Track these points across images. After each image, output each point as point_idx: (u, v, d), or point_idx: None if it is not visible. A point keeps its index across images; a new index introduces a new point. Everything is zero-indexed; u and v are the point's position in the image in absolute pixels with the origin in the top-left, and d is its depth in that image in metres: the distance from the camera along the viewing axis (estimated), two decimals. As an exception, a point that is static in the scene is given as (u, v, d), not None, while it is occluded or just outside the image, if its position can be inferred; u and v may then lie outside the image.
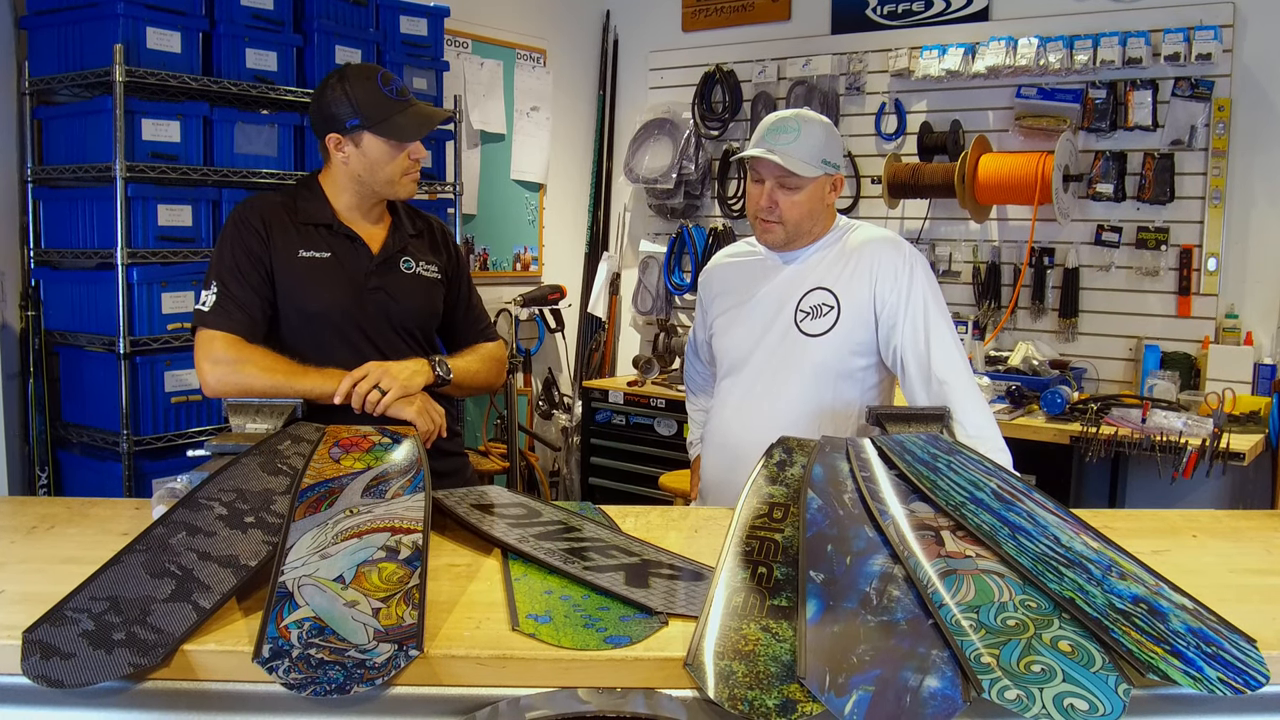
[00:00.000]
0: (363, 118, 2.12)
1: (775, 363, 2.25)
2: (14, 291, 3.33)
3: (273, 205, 2.19)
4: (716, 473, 2.36)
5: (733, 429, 2.30)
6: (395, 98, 2.15)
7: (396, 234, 2.26)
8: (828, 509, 1.50)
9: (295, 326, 2.15)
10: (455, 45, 4.63)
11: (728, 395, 2.34)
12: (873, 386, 2.26)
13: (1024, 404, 3.75)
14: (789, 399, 2.23)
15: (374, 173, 2.16)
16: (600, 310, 5.28)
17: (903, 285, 2.17)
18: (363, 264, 2.19)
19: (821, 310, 2.21)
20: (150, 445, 3.15)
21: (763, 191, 2.21)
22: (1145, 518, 1.90)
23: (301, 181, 2.28)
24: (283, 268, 2.14)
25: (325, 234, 2.18)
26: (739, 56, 4.94)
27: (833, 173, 2.23)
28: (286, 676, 1.16)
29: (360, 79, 2.14)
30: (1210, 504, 3.86)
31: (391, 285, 2.21)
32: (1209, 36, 3.79)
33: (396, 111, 2.14)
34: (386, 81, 2.15)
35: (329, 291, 2.15)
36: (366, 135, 2.13)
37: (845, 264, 2.23)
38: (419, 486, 1.58)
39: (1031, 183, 3.90)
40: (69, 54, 3.19)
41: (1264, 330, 3.85)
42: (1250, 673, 1.18)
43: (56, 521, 1.75)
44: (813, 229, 2.27)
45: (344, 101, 2.12)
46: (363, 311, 2.17)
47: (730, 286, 2.39)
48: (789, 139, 2.17)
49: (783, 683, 1.18)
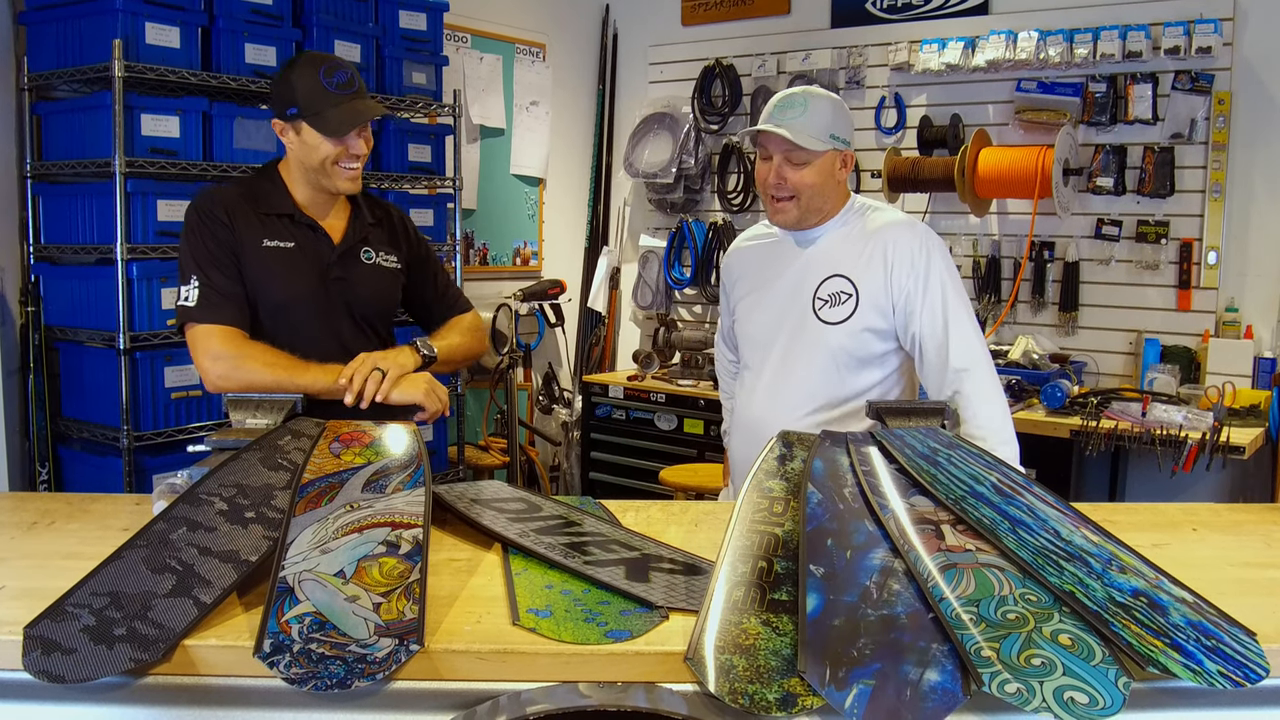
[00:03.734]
0: (300, 107, 2.12)
1: (795, 350, 2.24)
2: (14, 287, 3.33)
3: (232, 196, 2.18)
4: (743, 456, 2.35)
5: (757, 414, 2.30)
6: (333, 90, 2.12)
7: (356, 223, 2.26)
8: (828, 503, 1.50)
9: (259, 316, 2.15)
10: (455, 40, 4.62)
11: (754, 381, 2.33)
12: (894, 371, 2.25)
13: (1024, 398, 3.76)
14: (812, 384, 2.22)
15: (312, 163, 2.15)
16: (600, 305, 5.28)
17: (920, 271, 2.15)
18: (325, 254, 2.20)
19: (840, 298, 2.20)
20: (150, 441, 3.15)
21: (770, 168, 2.20)
22: (1145, 511, 1.90)
23: (260, 171, 2.27)
24: (248, 257, 2.13)
25: (287, 224, 2.19)
26: (738, 50, 4.94)
27: (842, 148, 2.21)
28: (287, 671, 1.16)
29: (305, 67, 2.14)
30: (1210, 498, 3.85)
31: (352, 275, 2.22)
32: (1209, 30, 3.78)
33: (331, 104, 2.12)
34: (330, 72, 2.13)
35: (294, 281, 2.16)
36: (304, 125, 2.13)
37: (863, 249, 2.21)
38: (419, 481, 1.58)
39: (1031, 176, 3.90)
40: (68, 49, 3.19)
41: (1264, 324, 3.85)
42: (1250, 666, 1.18)
43: (57, 517, 1.75)
44: (824, 206, 2.24)
45: (287, 88, 2.13)
46: (327, 300, 2.18)
47: (750, 271, 2.38)
48: (796, 114, 2.15)
49: (783, 676, 1.18)
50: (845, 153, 2.22)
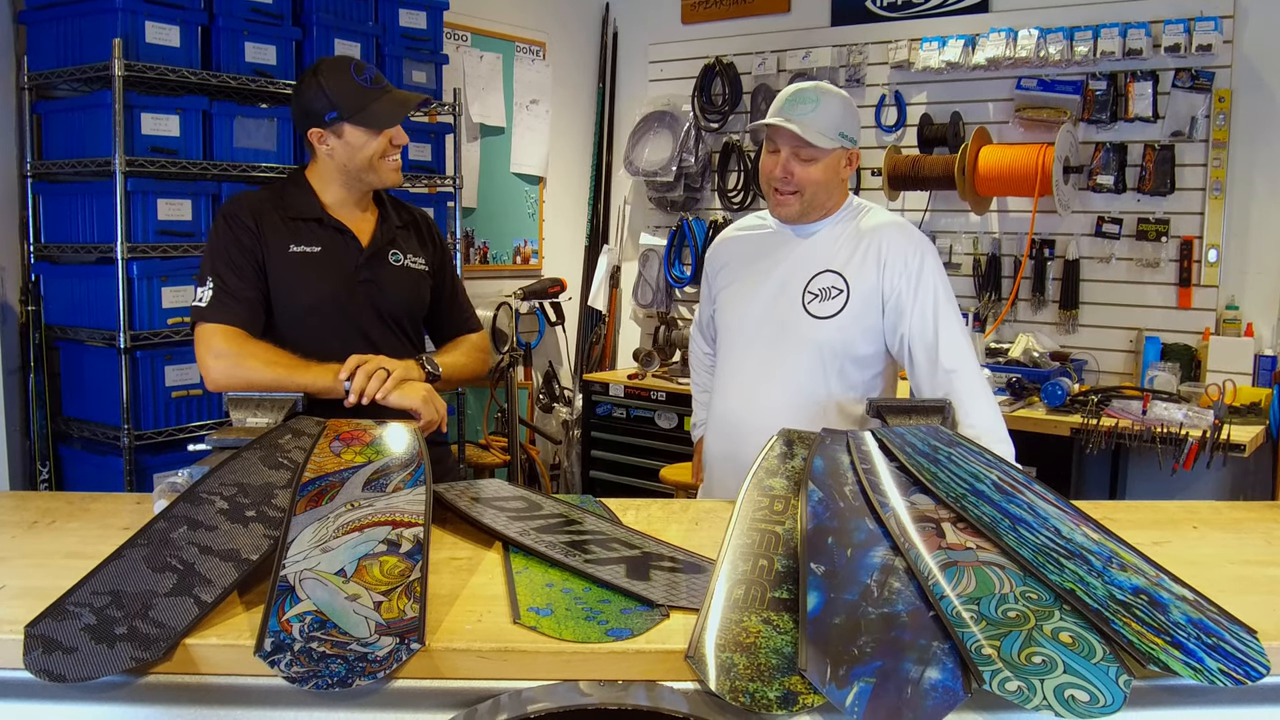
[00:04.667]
0: (340, 109, 2.14)
1: (780, 342, 2.24)
2: (14, 286, 3.33)
3: (260, 201, 2.21)
4: (720, 452, 2.35)
5: (735, 407, 2.29)
6: (369, 86, 2.16)
7: (384, 226, 2.29)
8: (828, 501, 1.50)
9: (288, 320, 2.17)
10: (454, 38, 4.62)
11: (733, 373, 2.32)
12: (878, 373, 2.26)
13: (1024, 396, 3.76)
14: (794, 380, 2.22)
15: (357, 162, 2.18)
16: (600, 303, 5.28)
17: (913, 273, 2.16)
18: (353, 257, 2.21)
19: (830, 293, 2.20)
20: (151, 440, 3.15)
21: (778, 161, 2.20)
22: (1145, 509, 1.90)
23: (288, 177, 2.29)
24: (275, 262, 2.15)
25: (315, 228, 2.20)
26: (739, 49, 4.93)
27: (849, 146, 2.22)
28: (288, 670, 1.16)
29: (334, 71, 2.16)
30: (1211, 495, 3.86)
31: (381, 277, 2.24)
32: (1209, 27, 3.78)
33: (372, 100, 2.15)
34: (360, 71, 2.17)
35: (321, 285, 2.17)
36: (346, 126, 2.15)
37: (856, 247, 2.22)
38: (420, 480, 1.58)
39: (1032, 174, 3.90)
40: (68, 48, 3.19)
41: (1264, 321, 3.85)
42: (1251, 664, 1.18)
43: (58, 516, 1.75)
44: (826, 202, 2.25)
45: (320, 95, 2.15)
46: (354, 303, 2.20)
47: (736, 260, 2.38)
48: (808, 109, 2.16)
49: (784, 675, 1.18)
50: (852, 151, 2.23)
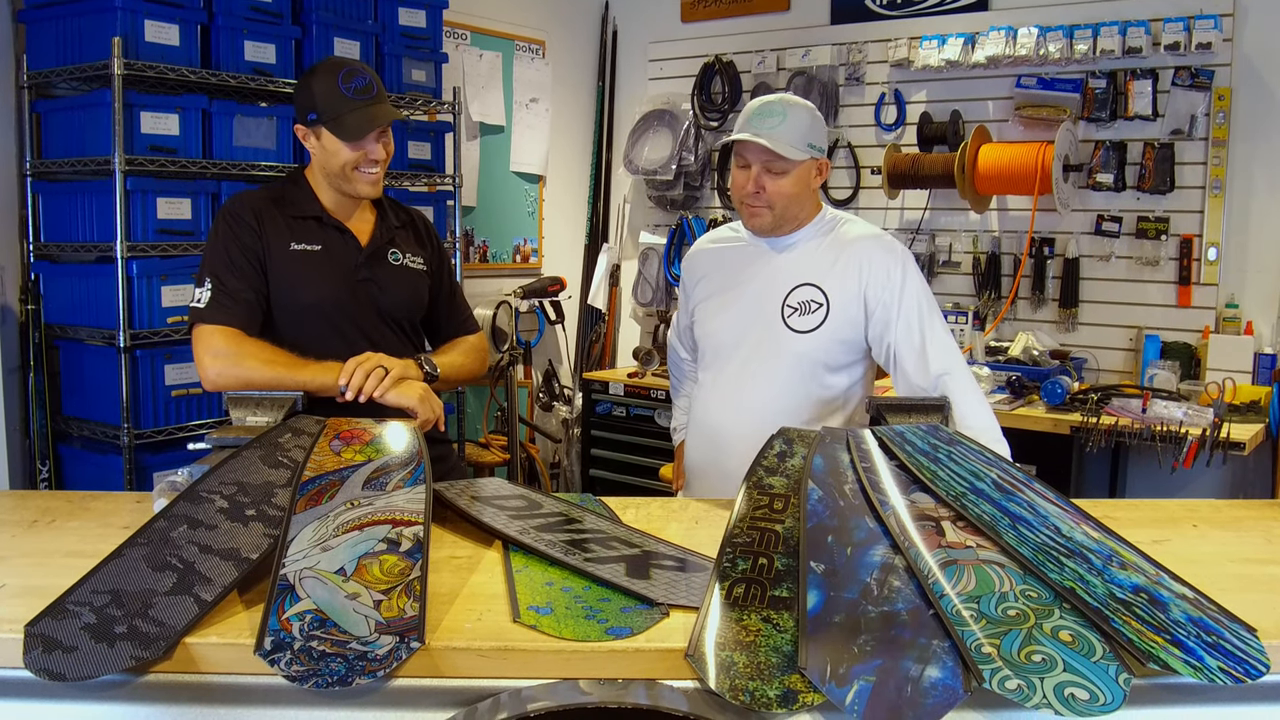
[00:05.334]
0: (319, 113, 2.15)
1: (760, 355, 2.25)
2: (14, 285, 3.33)
3: (262, 199, 2.22)
4: (701, 460, 2.37)
5: (716, 417, 2.31)
6: (351, 95, 2.16)
7: (383, 225, 2.30)
8: (828, 500, 1.51)
9: (288, 319, 2.18)
10: (454, 37, 4.61)
11: (712, 385, 2.34)
12: (857, 381, 2.28)
13: (1024, 394, 3.76)
14: (773, 390, 2.23)
15: (332, 167, 2.19)
16: (600, 302, 5.28)
17: (895, 285, 2.18)
18: (352, 256, 2.23)
19: (810, 307, 2.21)
20: (151, 439, 3.15)
21: (749, 176, 2.21)
22: (1145, 508, 1.90)
23: (289, 175, 2.31)
24: (276, 260, 2.16)
25: (315, 226, 2.22)
26: (738, 47, 4.93)
27: (818, 156, 2.23)
28: (288, 669, 1.16)
29: (324, 74, 2.17)
30: (1210, 494, 3.86)
31: (380, 277, 2.25)
32: (1209, 25, 3.78)
33: (348, 110, 2.15)
34: (349, 78, 2.17)
35: (322, 283, 2.18)
36: (323, 130, 2.16)
37: (835, 260, 2.23)
38: (420, 479, 1.58)
39: (1031, 173, 3.89)
40: (67, 47, 3.18)
41: (1264, 320, 3.85)
42: (1250, 662, 1.19)
43: (57, 515, 1.75)
44: (799, 214, 2.26)
45: (307, 94, 2.17)
46: (354, 302, 2.21)
47: (713, 272, 2.38)
48: (775, 123, 2.16)
49: (784, 673, 1.18)
50: (821, 161, 2.25)
